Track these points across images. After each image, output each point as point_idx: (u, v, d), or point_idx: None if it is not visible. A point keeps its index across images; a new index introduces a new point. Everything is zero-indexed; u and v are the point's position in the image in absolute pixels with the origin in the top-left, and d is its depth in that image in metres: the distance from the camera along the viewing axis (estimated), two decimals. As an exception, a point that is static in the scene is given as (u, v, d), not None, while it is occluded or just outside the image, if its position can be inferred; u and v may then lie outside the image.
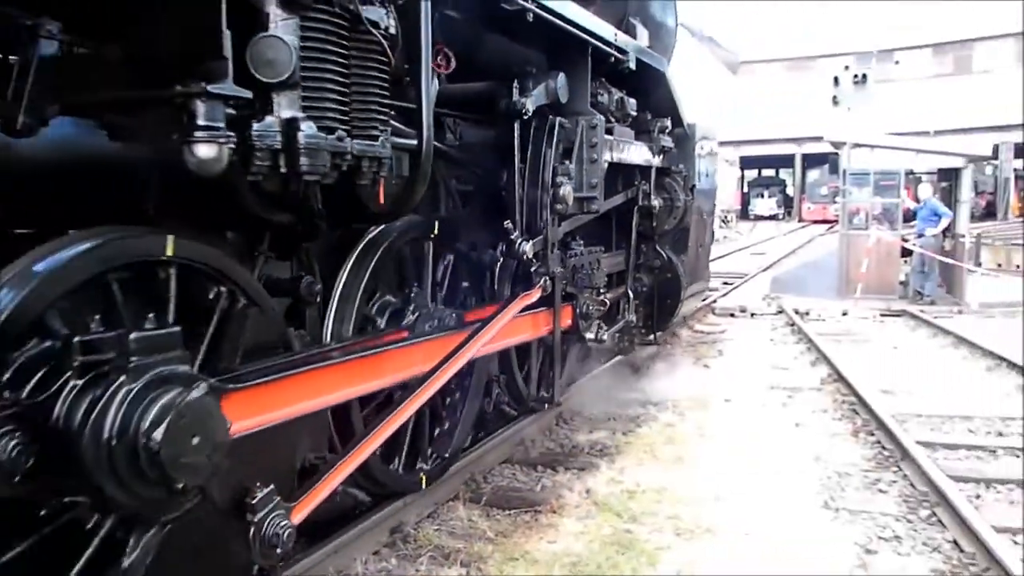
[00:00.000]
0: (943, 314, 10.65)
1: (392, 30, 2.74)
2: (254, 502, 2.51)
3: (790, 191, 42.22)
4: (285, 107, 2.36)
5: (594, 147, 4.80)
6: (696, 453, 5.21)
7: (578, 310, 5.21)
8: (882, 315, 10.96)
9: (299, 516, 2.70)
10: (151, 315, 2.28)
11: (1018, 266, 16.22)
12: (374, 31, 2.65)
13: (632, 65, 5.28)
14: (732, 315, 11.18)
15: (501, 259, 4.46)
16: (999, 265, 16.11)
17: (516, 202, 4.44)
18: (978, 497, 4.44)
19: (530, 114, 4.35)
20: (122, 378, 2.09)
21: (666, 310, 6.96)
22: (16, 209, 2.30)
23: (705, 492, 4.51)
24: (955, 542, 3.85)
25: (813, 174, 36.82)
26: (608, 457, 5.12)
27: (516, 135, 4.44)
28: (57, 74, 2.25)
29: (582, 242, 5.43)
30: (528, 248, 4.34)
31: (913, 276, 12.14)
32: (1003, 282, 12.86)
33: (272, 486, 2.57)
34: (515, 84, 4.30)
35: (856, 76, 12.34)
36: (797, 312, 10.85)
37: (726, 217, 31.23)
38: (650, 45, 6.00)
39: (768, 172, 45.92)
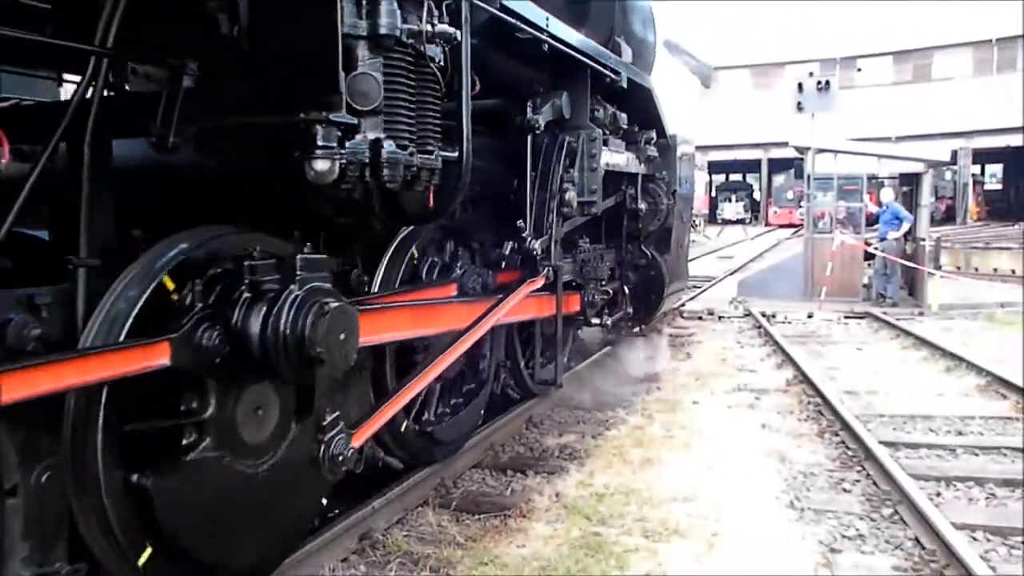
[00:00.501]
0: (905, 316, 10.87)
1: (442, 63, 3.25)
2: (324, 424, 3.04)
3: (757, 196, 42.79)
4: (371, 129, 2.90)
5: (593, 157, 5.46)
6: (664, 455, 5.25)
7: (586, 298, 6.03)
8: (846, 317, 11.14)
9: (358, 441, 3.31)
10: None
11: (977, 268, 16.64)
12: (432, 65, 3.18)
13: (624, 84, 5.89)
14: (700, 318, 11.29)
15: (509, 254, 5.00)
16: (958, 268, 16.51)
17: (527, 205, 4.94)
18: (938, 495, 4.53)
19: (541, 129, 4.97)
20: (292, 287, 2.75)
21: (651, 304, 7.61)
22: (170, 204, 3.13)
23: (673, 494, 4.55)
24: (917, 539, 3.92)
25: (779, 179, 37.34)
26: (577, 460, 5.14)
27: (529, 147, 4.96)
28: (195, 103, 2.79)
29: (588, 239, 6.07)
30: (537, 245, 4.91)
31: (876, 279, 12.37)
32: (961, 284, 13.18)
33: (339, 412, 3.13)
34: (528, 103, 4.93)
35: (820, 82, 12.52)
36: (764, 315, 10.99)
37: (695, 221, 31.52)
38: (633, 61, 6.48)
39: (735, 177, 46.54)
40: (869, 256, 12.39)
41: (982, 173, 45.94)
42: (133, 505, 2.48)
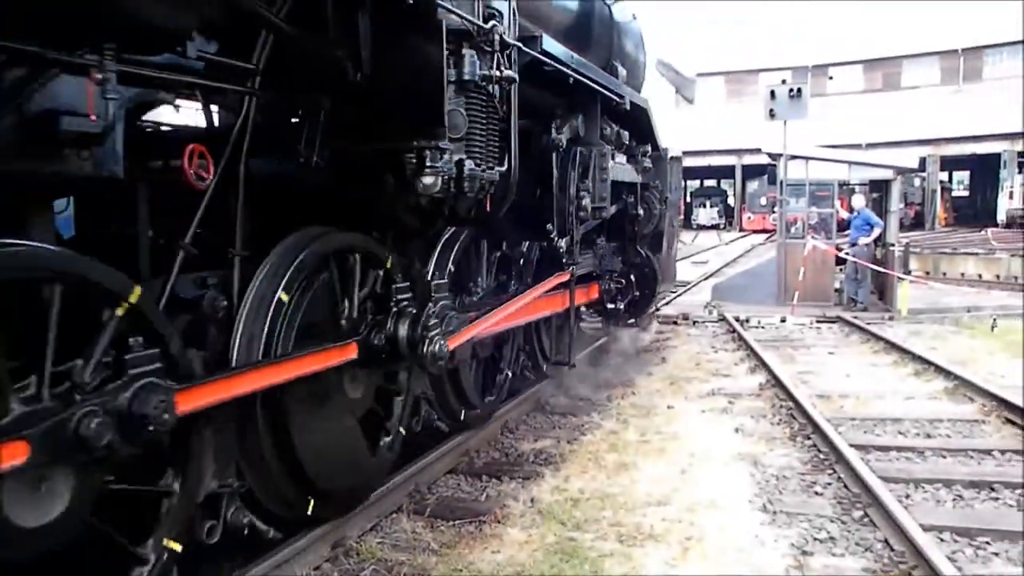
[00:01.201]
0: (875, 320, 11.03)
1: (498, 96, 4.08)
2: (429, 324, 4.04)
3: (731, 201, 43.22)
4: (456, 152, 3.73)
5: (604, 169, 6.27)
6: (639, 460, 5.27)
7: (603, 287, 7.25)
8: (818, 322, 11.29)
9: (454, 345, 4.33)
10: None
11: (944, 273, 16.94)
12: (495, 100, 4.05)
13: (628, 106, 6.72)
14: (675, 323, 11.36)
15: (538, 252, 6.18)
16: (927, 273, 16.80)
17: (553, 211, 5.73)
18: (907, 497, 4.60)
19: (564, 146, 5.75)
20: (430, 305, 4.16)
21: (645, 299, 8.47)
22: (310, 210, 3.77)
23: (648, 498, 4.57)
24: (886, 541, 3.98)
25: (753, 185, 37.69)
26: (553, 465, 5.14)
27: (553, 162, 5.69)
28: (330, 129, 3.63)
29: (603, 238, 7.10)
30: (562, 244, 5.82)
31: (847, 284, 12.54)
32: (929, 289, 13.42)
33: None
34: (553, 124, 5.73)
35: (792, 90, 12.67)
36: (737, 320, 11.09)
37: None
38: (627, 80, 7.22)
39: (710, 183, 46.94)
40: (840, 261, 12.56)
41: (950, 180, 46.82)
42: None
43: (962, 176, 49.21)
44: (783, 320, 11.34)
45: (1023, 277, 15.32)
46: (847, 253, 12.31)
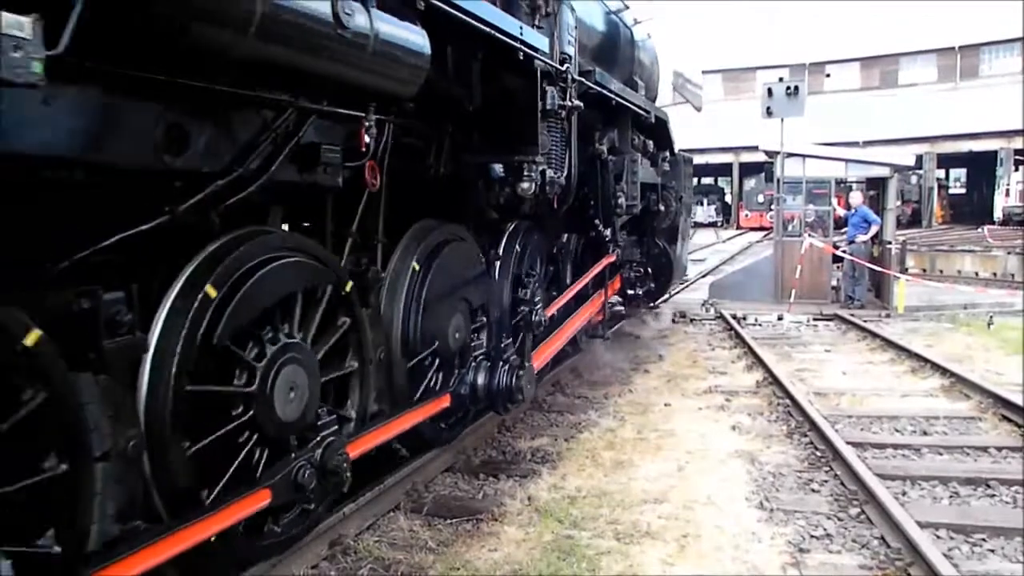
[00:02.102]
0: (872, 318, 11.04)
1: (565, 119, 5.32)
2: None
3: (728, 199, 43.24)
4: (542, 163, 4.90)
5: (634, 173, 7.48)
6: (636, 458, 5.28)
7: (624, 275, 8.23)
8: (815, 319, 11.29)
9: (549, 313, 5.96)
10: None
11: (941, 271, 16.98)
12: (563, 122, 5.25)
13: (652, 120, 8.08)
14: (672, 320, 11.37)
15: (578, 243, 7.52)
16: (924, 270, 16.83)
17: (599, 207, 7.03)
18: (904, 494, 4.61)
19: (604, 155, 6.87)
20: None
21: (662, 285, 9.87)
22: (426, 208, 4.80)
23: (645, 496, 4.58)
24: (882, 538, 3.99)
25: (750, 182, 37.74)
26: (550, 463, 5.15)
27: (597, 169, 6.85)
28: (450, 145, 4.82)
29: (624, 232, 7.98)
30: (608, 233, 7.31)
31: (844, 281, 12.55)
32: (926, 287, 13.44)
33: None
34: (595, 136, 6.79)
35: (789, 88, 12.67)
36: (735, 317, 11.09)
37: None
38: (645, 93, 8.42)
39: (707, 180, 46.96)
40: (837, 259, 12.57)
41: (946, 177, 46.90)
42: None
43: (959, 173, 49.26)
44: (780, 318, 11.35)
45: (1020, 274, 15.35)
46: (845, 251, 12.32)
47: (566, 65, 5.30)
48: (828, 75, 42.14)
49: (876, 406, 6.60)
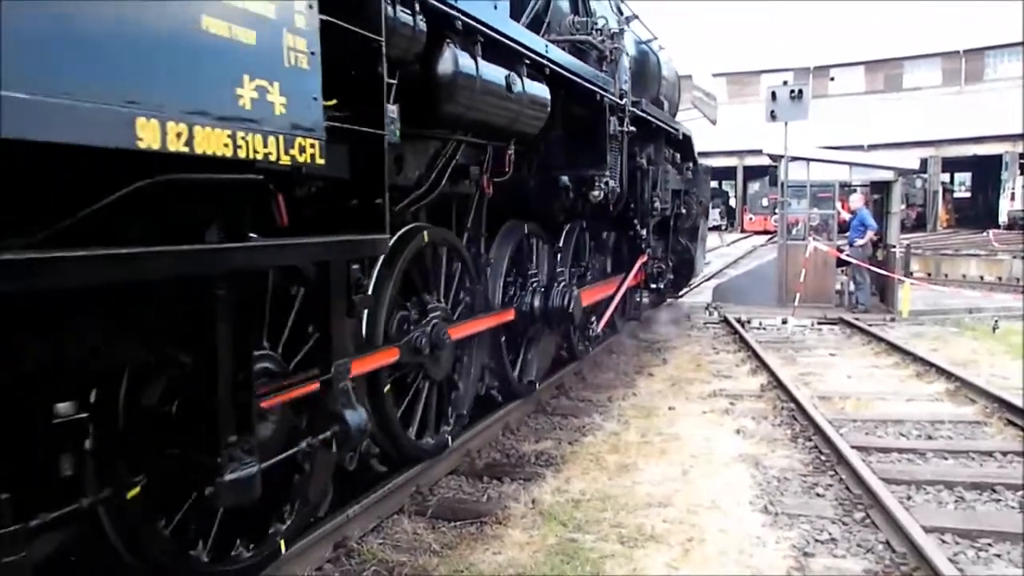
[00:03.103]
0: (876, 322, 11.02)
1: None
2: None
3: (733, 202, 43.20)
4: (607, 175, 6.34)
5: (666, 182, 9.00)
6: (640, 461, 5.27)
7: (647, 270, 9.19)
8: (819, 323, 11.27)
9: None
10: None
11: (946, 275, 16.93)
12: (619, 143, 6.77)
13: (680, 137, 9.73)
14: (676, 324, 11.36)
15: (613, 239, 8.82)
16: (928, 275, 16.78)
17: (639, 211, 8.25)
18: (909, 499, 4.60)
19: (644, 167, 8.10)
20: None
21: (684, 278, 11.57)
22: (515, 210, 6.08)
23: (649, 499, 4.57)
24: (887, 543, 3.98)
25: (754, 186, 37.69)
26: (554, 467, 5.14)
27: (638, 179, 8.00)
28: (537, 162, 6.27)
29: (650, 232, 8.99)
30: (644, 234, 8.56)
31: (852, 285, 12.53)
32: (931, 291, 13.40)
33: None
34: (636, 151, 7.84)
35: (793, 91, 12.66)
36: (739, 321, 11.08)
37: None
38: (668, 107, 9.72)
39: (712, 184, 46.90)
40: (842, 263, 12.55)
41: (951, 181, 46.82)
42: None
43: (963, 177, 49.18)
44: (784, 321, 11.33)
45: (1025, 279, 15.30)
46: (847, 255, 12.30)
47: (624, 99, 7.00)
48: (832, 78, 42.11)
49: (881, 410, 6.59)
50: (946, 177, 42.86)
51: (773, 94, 12.74)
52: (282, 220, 2.61)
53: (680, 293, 12.59)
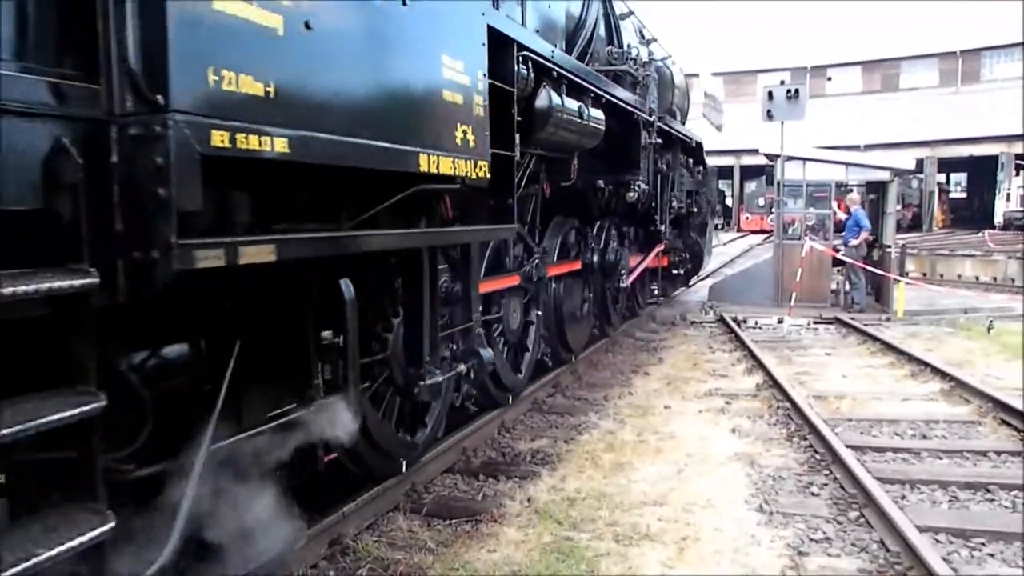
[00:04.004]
0: (872, 322, 11.04)
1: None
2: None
3: (729, 202, 43.24)
4: (641, 179, 7.96)
5: (681, 184, 10.72)
6: (636, 460, 5.27)
7: (671, 258, 11.42)
8: (815, 323, 11.30)
9: (629, 281, 9.15)
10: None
11: (942, 275, 16.97)
12: (649, 152, 8.45)
13: (694, 144, 11.38)
14: (672, 323, 11.38)
15: (634, 232, 9.87)
16: (924, 275, 16.82)
17: (659, 209, 9.60)
18: (903, 498, 4.60)
19: (664, 171, 9.48)
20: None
21: (695, 268, 13.26)
22: (561, 208, 7.38)
23: (644, 498, 4.58)
24: (882, 542, 3.99)
25: (751, 185, 37.74)
26: (549, 465, 5.15)
27: (659, 181, 9.32)
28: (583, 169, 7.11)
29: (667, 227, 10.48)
30: (663, 228, 9.96)
31: (847, 285, 12.55)
32: (926, 291, 13.43)
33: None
34: (657, 157, 9.05)
35: (790, 91, 12.67)
36: (735, 320, 11.10)
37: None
38: (679, 116, 11.06)
39: (708, 183, 46.87)
40: (838, 262, 12.57)
41: (947, 182, 46.92)
42: None
43: (959, 178, 49.30)
44: (780, 321, 11.35)
45: (1020, 279, 15.35)
46: (843, 255, 12.32)
47: (652, 116, 8.45)
48: (829, 78, 42.19)
49: (876, 410, 6.60)
50: (942, 177, 42.97)
51: (770, 94, 12.75)
52: (448, 215, 4.13)
53: (691, 283, 14.33)
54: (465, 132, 3.59)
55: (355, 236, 3.05)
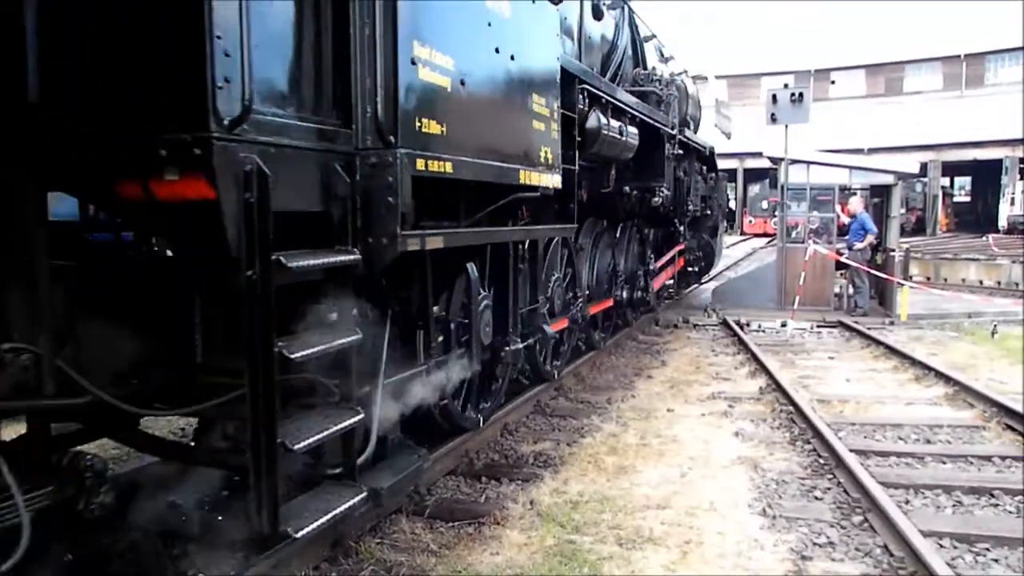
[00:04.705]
0: (875, 325, 11.02)
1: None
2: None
3: (732, 205, 43.15)
4: (665, 187, 9.14)
5: (697, 189, 11.68)
6: (638, 463, 5.27)
7: (686, 258, 12.54)
8: (818, 326, 11.28)
9: (658, 286, 10.85)
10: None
11: (946, 279, 16.93)
12: (671, 161, 9.64)
13: (707, 153, 12.56)
14: (675, 326, 11.37)
15: (654, 234, 10.88)
16: (928, 278, 16.79)
17: (678, 212, 10.71)
18: (907, 503, 4.59)
19: (682, 178, 10.44)
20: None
21: (707, 266, 14.40)
22: (594, 210, 8.03)
23: (647, 501, 4.57)
24: (885, 547, 3.97)
25: (754, 189, 37.68)
26: (552, 468, 5.14)
27: (677, 187, 10.10)
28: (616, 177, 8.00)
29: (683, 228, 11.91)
30: (681, 229, 11.41)
31: (851, 288, 12.53)
32: (930, 295, 13.40)
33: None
34: (677, 166, 10.03)
35: (793, 94, 12.66)
36: (738, 323, 11.08)
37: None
38: (693, 125, 11.96)
39: (712, 186, 46.84)
40: (841, 266, 12.55)
41: (951, 185, 46.82)
42: None
43: (963, 182, 49.19)
44: (784, 324, 11.32)
45: (1024, 283, 15.31)
46: (847, 258, 12.30)
47: (674, 130, 9.49)
48: (833, 82, 42.12)
49: (880, 414, 6.59)
50: (946, 181, 42.87)
51: (774, 97, 12.74)
52: (524, 215, 5.24)
53: (703, 280, 15.28)
54: (546, 152, 4.76)
55: (494, 231, 4.61)
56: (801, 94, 12.67)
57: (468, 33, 3.82)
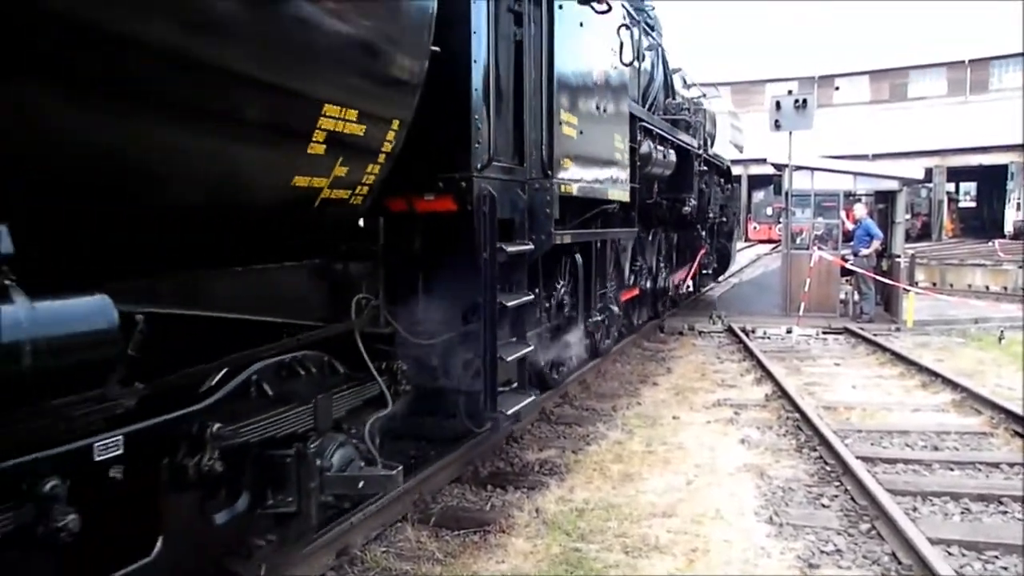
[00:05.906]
0: (881, 332, 10.98)
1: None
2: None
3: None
4: (693, 198, 10.78)
5: (716, 199, 13.27)
6: (644, 471, 5.25)
7: (704, 261, 13.34)
8: (824, 333, 11.24)
9: (678, 284, 12.56)
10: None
11: (951, 285, 16.87)
12: (699, 176, 11.31)
13: (725, 168, 14.22)
14: (680, 333, 11.35)
15: (678, 238, 11.92)
16: (933, 284, 16.73)
17: (700, 220, 12.08)
18: (915, 510, 4.57)
19: (705, 189, 11.88)
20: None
21: (723, 267, 16.10)
22: (643, 218, 8.97)
23: (653, 509, 4.55)
24: (893, 554, 3.95)
25: (759, 195, 37.66)
26: (558, 476, 5.13)
27: (699, 198, 11.28)
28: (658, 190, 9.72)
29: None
30: (704, 234, 12.88)
31: (856, 295, 12.49)
32: (936, 300, 13.36)
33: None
34: (699, 179, 11.19)
35: (797, 101, 12.66)
36: (743, 330, 11.06)
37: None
38: (711, 141, 12.85)
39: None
40: (846, 272, 12.52)
41: (956, 191, 46.74)
42: None
43: (969, 187, 49.09)
44: (789, 331, 11.30)
45: (1030, 289, 15.24)
46: (852, 264, 12.26)
47: (701, 150, 11.03)
48: (837, 88, 42.14)
49: (886, 421, 6.56)
50: (951, 187, 42.79)
51: (778, 103, 12.75)
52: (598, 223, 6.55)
53: (719, 279, 16.65)
54: (620, 174, 6.47)
55: (601, 231, 6.62)
56: (805, 100, 12.68)
57: (585, 100, 5.58)
